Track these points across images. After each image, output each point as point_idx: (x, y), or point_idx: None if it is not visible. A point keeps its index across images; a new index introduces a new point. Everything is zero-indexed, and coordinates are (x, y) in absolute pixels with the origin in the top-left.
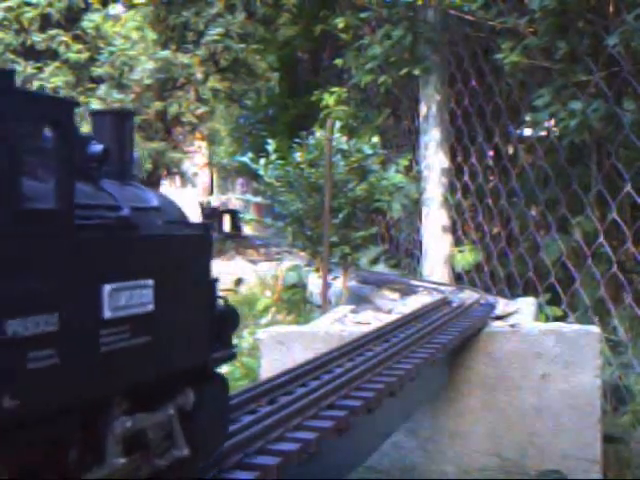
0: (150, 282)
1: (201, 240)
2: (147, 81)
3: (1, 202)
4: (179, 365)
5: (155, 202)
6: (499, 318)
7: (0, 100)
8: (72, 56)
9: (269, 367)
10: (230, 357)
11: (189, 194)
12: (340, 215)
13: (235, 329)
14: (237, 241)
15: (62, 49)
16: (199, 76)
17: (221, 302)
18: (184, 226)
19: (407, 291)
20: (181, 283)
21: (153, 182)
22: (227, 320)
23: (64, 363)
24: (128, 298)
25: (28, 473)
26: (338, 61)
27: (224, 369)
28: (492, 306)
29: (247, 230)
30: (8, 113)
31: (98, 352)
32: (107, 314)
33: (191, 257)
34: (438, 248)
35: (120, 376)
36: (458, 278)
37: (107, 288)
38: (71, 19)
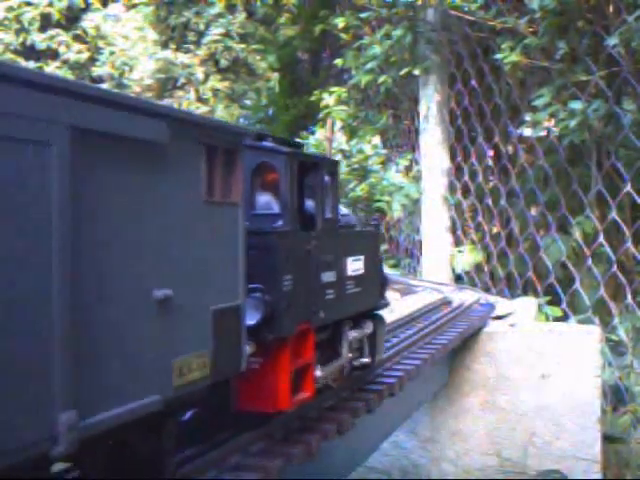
0: (362, 257)
1: (377, 232)
2: (147, 81)
3: (320, 213)
4: (368, 306)
5: (344, 210)
6: (499, 318)
7: (304, 164)
8: (72, 56)
9: None
10: (386, 305)
11: None
12: None
13: (387, 288)
14: None
15: (62, 49)
16: (199, 76)
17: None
18: (365, 224)
19: (407, 291)
20: (371, 258)
21: None
22: (384, 282)
23: (336, 297)
24: (355, 265)
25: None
26: (338, 61)
27: None
28: (492, 306)
29: None
30: (313, 170)
31: (345, 293)
32: (348, 273)
33: (373, 242)
34: (438, 248)
35: (350, 308)
36: (458, 278)
37: (349, 259)
38: (71, 19)
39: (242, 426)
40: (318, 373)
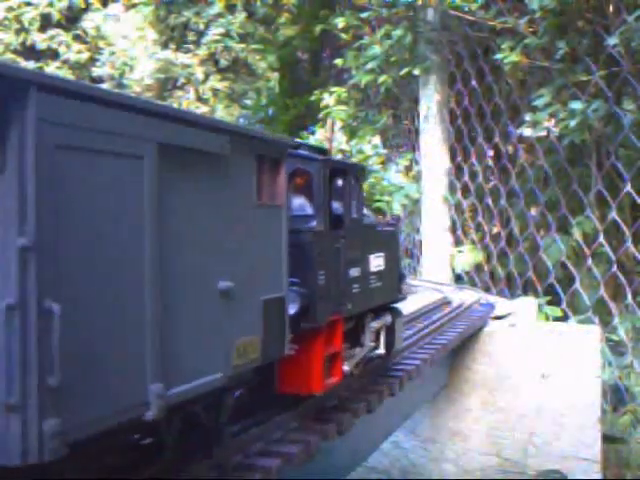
0: (382, 254)
1: (396, 232)
2: (147, 81)
3: (347, 214)
4: (387, 299)
5: (365, 211)
6: (499, 318)
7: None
8: (72, 56)
9: None
10: (403, 299)
11: None
12: None
13: (404, 283)
14: None
15: (62, 49)
16: (199, 76)
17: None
18: (385, 224)
19: (407, 291)
20: (390, 255)
21: None
22: (402, 278)
23: (361, 291)
24: (376, 262)
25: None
26: (338, 61)
27: None
28: (492, 306)
29: None
30: (342, 175)
31: (369, 287)
32: (371, 269)
33: (393, 241)
34: (438, 248)
35: (373, 300)
36: (458, 278)
37: (372, 256)
38: (71, 19)
39: (281, 406)
40: (345, 360)
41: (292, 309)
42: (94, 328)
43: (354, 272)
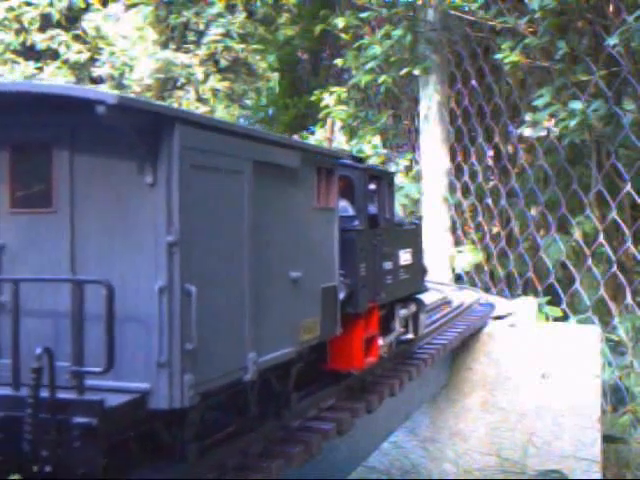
0: (410, 250)
1: (419, 228)
2: (147, 81)
3: (381, 215)
4: (412, 291)
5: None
6: (499, 318)
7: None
8: (72, 56)
9: None
10: (426, 290)
11: None
12: None
13: (426, 276)
14: None
15: (62, 49)
16: (199, 76)
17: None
18: (409, 223)
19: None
20: (415, 250)
21: None
22: (425, 271)
23: (393, 282)
24: (405, 256)
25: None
26: (338, 61)
27: None
28: (492, 306)
29: None
30: (376, 180)
31: (399, 279)
32: (401, 263)
33: (417, 237)
34: (438, 248)
35: (402, 291)
36: (458, 278)
37: (401, 251)
38: (71, 19)
39: (330, 380)
40: (380, 342)
41: (339, 297)
42: (215, 306)
43: (387, 265)
